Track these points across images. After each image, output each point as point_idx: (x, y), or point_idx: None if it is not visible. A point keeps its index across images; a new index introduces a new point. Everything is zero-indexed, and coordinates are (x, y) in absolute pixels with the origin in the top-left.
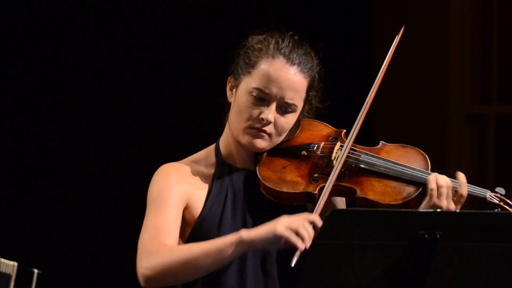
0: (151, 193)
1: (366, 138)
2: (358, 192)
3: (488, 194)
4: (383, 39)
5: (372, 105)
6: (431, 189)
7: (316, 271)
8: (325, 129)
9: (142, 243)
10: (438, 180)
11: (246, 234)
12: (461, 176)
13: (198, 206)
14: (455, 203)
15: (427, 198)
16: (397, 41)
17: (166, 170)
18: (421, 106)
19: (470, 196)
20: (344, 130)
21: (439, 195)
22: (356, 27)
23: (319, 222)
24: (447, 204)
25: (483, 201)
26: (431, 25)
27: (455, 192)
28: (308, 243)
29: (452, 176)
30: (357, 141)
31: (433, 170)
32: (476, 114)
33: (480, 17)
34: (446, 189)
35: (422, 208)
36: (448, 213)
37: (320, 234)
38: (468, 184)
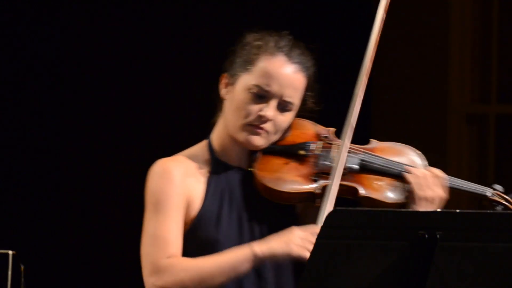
0: (151, 194)
1: (366, 138)
2: (360, 191)
3: (489, 192)
4: (383, 40)
5: (372, 105)
6: (411, 183)
7: (316, 271)
8: (314, 128)
9: (148, 254)
10: (412, 172)
11: (259, 249)
12: (433, 170)
13: (195, 204)
14: (440, 188)
15: (411, 194)
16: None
17: (165, 167)
18: (421, 106)
19: (471, 193)
20: (334, 129)
21: (420, 186)
22: (356, 27)
23: None
24: (433, 192)
25: (484, 198)
26: (431, 25)
27: (436, 178)
28: None
29: (452, 175)
30: (353, 141)
31: None
32: (476, 114)
33: (480, 17)
34: (423, 178)
35: (412, 203)
36: (448, 213)
37: (320, 234)
38: (468, 182)
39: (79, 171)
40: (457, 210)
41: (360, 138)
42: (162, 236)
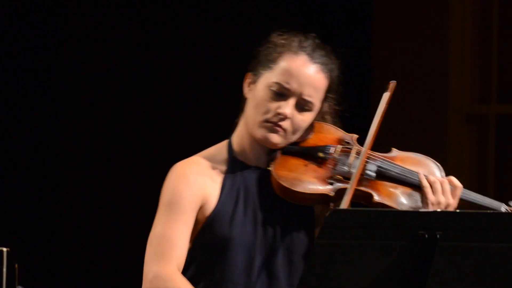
0: (165, 195)
1: (365, 137)
2: (375, 197)
3: (504, 208)
4: (383, 40)
5: (372, 105)
6: (424, 187)
7: (316, 271)
8: (337, 133)
9: (152, 253)
10: (428, 177)
11: None
12: (452, 179)
13: (210, 202)
14: (453, 197)
15: (424, 198)
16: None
17: (181, 170)
18: (421, 106)
19: (485, 208)
20: (357, 135)
21: (434, 191)
22: (356, 28)
23: None
24: (446, 199)
25: None
26: (431, 25)
27: (452, 187)
28: None
29: (452, 175)
30: (375, 148)
31: None
32: (476, 114)
33: (480, 17)
34: (439, 184)
35: (424, 208)
36: (448, 213)
37: (320, 234)
38: (483, 196)
39: (74, 170)
40: (457, 210)
41: (361, 137)
42: (169, 238)
